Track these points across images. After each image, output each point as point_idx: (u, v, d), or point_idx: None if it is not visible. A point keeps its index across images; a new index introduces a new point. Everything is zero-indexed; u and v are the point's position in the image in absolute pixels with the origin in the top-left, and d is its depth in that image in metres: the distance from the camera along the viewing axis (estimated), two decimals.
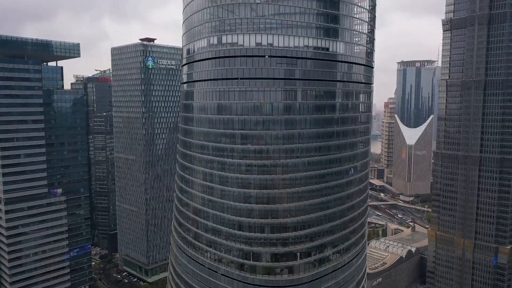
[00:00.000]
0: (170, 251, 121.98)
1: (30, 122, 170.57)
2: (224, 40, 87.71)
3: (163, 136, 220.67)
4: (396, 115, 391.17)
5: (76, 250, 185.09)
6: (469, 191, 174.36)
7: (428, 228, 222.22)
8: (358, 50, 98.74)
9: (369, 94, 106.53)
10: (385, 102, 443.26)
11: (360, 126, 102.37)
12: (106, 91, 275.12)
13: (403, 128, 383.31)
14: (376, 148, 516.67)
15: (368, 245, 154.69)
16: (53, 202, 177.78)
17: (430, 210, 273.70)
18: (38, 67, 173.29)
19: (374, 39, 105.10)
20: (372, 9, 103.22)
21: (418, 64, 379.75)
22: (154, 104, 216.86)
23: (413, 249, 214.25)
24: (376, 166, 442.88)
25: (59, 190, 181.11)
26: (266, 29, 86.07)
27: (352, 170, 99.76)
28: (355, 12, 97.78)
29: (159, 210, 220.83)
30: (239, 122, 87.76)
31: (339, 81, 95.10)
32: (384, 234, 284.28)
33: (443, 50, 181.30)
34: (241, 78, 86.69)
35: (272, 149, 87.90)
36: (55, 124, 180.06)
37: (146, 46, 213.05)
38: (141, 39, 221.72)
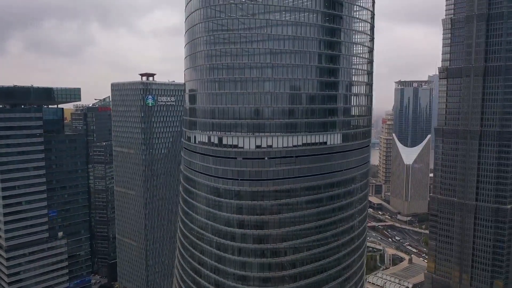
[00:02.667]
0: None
1: (31, 169, 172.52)
2: (224, 141, 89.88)
3: (163, 172, 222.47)
4: (394, 134, 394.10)
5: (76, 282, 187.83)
6: (465, 237, 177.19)
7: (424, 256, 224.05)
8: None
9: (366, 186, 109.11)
10: (383, 118, 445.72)
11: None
12: (105, 119, 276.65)
13: (400, 147, 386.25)
14: (374, 158, 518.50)
15: (366, 280, 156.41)
16: (54, 246, 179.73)
17: (427, 232, 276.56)
18: (39, 114, 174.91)
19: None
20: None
21: (415, 85, 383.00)
22: (154, 141, 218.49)
23: (410, 286, 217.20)
24: (374, 181, 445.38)
25: (60, 233, 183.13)
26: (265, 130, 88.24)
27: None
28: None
29: (159, 244, 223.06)
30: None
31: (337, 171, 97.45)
32: (382, 260, 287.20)
33: (439, 97, 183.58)
34: (241, 179, 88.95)
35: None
36: (56, 169, 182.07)
37: (146, 85, 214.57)
38: (141, 74, 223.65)
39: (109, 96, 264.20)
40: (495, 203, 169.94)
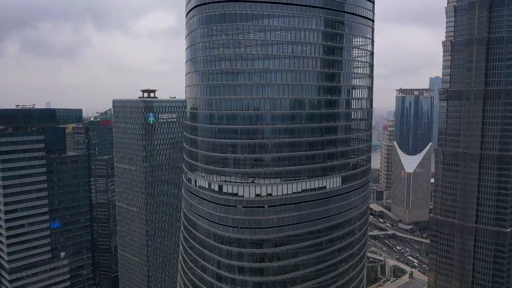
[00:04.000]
0: None
1: (33, 191, 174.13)
2: (224, 189, 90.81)
3: (165, 189, 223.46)
4: (395, 142, 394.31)
5: None
6: (465, 259, 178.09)
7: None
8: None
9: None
10: (384, 125, 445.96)
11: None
12: (107, 133, 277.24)
13: (401, 155, 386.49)
14: (375, 160, 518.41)
15: None
16: (56, 266, 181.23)
17: (428, 241, 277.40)
18: (41, 137, 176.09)
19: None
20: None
21: (416, 93, 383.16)
22: (155, 158, 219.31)
23: None
24: (375, 188, 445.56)
25: (63, 254, 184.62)
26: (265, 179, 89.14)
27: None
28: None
29: (160, 261, 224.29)
30: None
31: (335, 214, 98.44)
32: (383, 272, 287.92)
33: (440, 117, 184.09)
34: (241, 227, 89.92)
35: None
36: (58, 190, 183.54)
37: (147, 102, 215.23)
38: (142, 91, 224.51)
39: (111, 109, 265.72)
40: (495, 226, 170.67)
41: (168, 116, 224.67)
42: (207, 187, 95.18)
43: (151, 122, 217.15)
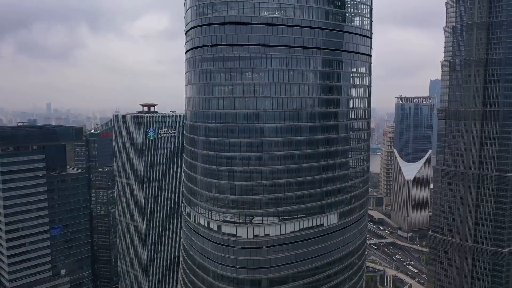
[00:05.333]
0: None
1: (34, 210, 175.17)
2: (223, 229, 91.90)
3: (165, 204, 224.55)
4: (394, 150, 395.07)
5: None
6: (463, 278, 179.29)
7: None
8: None
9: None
10: (384, 131, 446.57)
11: None
12: (107, 144, 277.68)
13: (401, 162, 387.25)
14: (375, 164, 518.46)
15: None
16: (57, 284, 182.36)
17: (427, 250, 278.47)
18: (41, 156, 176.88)
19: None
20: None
21: (416, 101, 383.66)
22: (155, 173, 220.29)
23: None
24: (375, 194, 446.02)
25: (63, 271, 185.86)
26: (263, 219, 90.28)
27: None
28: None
29: (160, 275, 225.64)
30: None
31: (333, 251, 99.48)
32: (382, 282, 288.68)
33: (438, 135, 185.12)
34: (239, 267, 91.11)
35: None
36: (59, 208, 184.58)
37: (147, 118, 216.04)
38: (142, 105, 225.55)
39: (111, 120, 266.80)
40: (493, 246, 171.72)
41: (168, 131, 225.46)
42: (206, 225, 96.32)
43: (151, 138, 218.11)
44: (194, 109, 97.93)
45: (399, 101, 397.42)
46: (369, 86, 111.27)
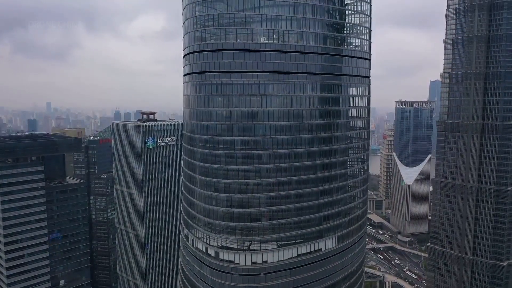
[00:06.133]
0: None
1: (33, 222, 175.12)
2: (221, 255, 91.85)
3: (164, 212, 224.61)
4: (394, 153, 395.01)
5: None
6: None
7: None
8: None
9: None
10: (383, 134, 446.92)
11: None
12: (107, 151, 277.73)
13: (400, 166, 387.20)
14: (375, 165, 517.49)
15: None
16: None
17: (426, 255, 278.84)
18: (40, 168, 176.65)
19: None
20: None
21: (416, 105, 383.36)
22: (154, 182, 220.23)
23: None
24: (374, 197, 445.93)
25: (62, 282, 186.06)
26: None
27: None
28: None
29: (160, 283, 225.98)
30: None
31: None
32: None
33: (437, 148, 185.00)
34: None
35: None
36: (58, 219, 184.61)
37: (146, 127, 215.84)
38: (142, 113, 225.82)
39: (110, 126, 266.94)
40: (492, 259, 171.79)
41: (167, 139, 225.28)
42: (204, 250, 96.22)
43: (151, 147, 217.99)
44: (193, 135, 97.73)
45: (399, 105, 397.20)
46: (368, 107, 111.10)
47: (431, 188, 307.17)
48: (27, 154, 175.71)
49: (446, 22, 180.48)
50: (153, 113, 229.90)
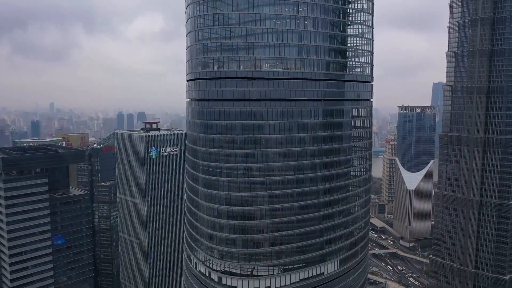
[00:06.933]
0: None
1: (37, 234, 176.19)
2: (224, 281, 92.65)
3: (167, 222, 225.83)
4: (396, 159, 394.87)
5: None
6: None
7: None
8: None
9: None
10: (386, 138, 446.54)
11: None
12: (110, 158, 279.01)
13: (403, 172, 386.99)
14: (377, 168, 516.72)
15: None
16: None
17: (429, 261, 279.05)
18: (45, 180, 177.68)
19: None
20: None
21: (418, 110, 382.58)
22: (157, 191, 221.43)
23: None
24: (377, 201, 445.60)
25: None
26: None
27: None
28: None
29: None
30: None
31: None
32: None
33: (440, 160, 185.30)
34: None
35: None
36: (61, 230, 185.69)
37: (149, 137, 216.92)
38: (145, 122, 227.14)
39: (113, 133, 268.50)
40: (494, 273, 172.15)
41: (170, 149, 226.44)
42: (207, 274, 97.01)
43: (154, 157, 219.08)
44: (197, 160, 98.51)
45: (401, 110, 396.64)
46: (370, 127, 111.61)
47: (434, 192, 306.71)
48: (32, 167, 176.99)
49: (449, 35, 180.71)
50: (156, 122, 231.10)
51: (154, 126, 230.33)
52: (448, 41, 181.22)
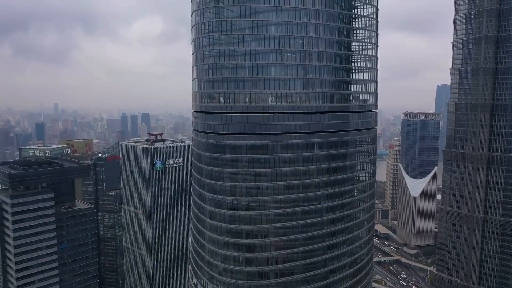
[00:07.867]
0: None
1: (43, 248, 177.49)
2: None
3: (172, 233, 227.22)
4: (400, 165, 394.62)
5: None
6: None
7: None
8: None
9: None
10: (390, 143, 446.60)
11: None
12: (115, 168, 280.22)
13: (407, 178, 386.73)
14: (381, 171, 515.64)
15: None
16: None
17: (433, 270, 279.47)
18: (51, 194, 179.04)
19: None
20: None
21: (422, 117, 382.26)
22: (162, 203, 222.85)
23: None
24: (380, 206, 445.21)
25: None
26: None
27: None
28: None
29: None
30: None
31: None
32: None
33: (444, 176, 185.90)
34: None
35: None
36: (67, 244, 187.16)
37: (154, 150, 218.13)
38: (149, 133, 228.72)
39: (118, 142, 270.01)
40: (498, 284, 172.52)
41: (175, 161, 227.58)
42: None
43: (158, 169, 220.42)
44: (202, 191, 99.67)
45: (405, 116, 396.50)
46: (374, 153, 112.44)
47: (438, 197, 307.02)
48: (38, 182, 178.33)
49: (453, 52, 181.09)
50: (160, 134, 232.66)
51: (159, 137, 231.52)
52: (452, 58, 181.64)
